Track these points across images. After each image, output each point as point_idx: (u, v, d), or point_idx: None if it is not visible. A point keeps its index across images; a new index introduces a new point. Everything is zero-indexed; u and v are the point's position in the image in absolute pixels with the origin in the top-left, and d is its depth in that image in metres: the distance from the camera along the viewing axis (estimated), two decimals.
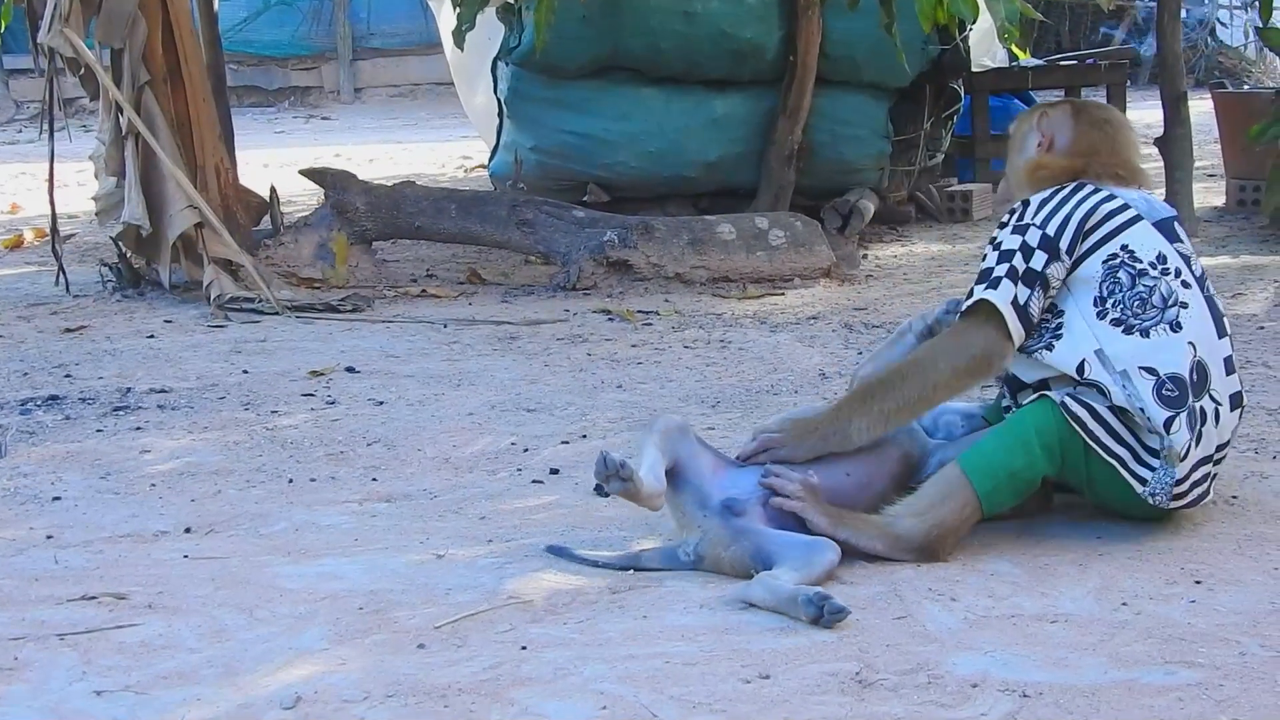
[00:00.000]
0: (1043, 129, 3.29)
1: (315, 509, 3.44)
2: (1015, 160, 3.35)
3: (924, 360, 3.08)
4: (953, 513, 2.97)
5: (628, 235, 6.09)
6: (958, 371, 3.04)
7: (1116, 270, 3.05)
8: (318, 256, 6.13)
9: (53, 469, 3.78)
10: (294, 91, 16.11)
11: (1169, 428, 2.97)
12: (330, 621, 2.77)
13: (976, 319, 3.06)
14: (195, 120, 6.06)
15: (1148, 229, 3.10)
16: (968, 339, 3.06)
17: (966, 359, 3.04)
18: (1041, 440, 2.99)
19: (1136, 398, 2.97)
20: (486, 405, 4.29)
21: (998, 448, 3.01)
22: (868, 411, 3.06)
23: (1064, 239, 3.06)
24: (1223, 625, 2.65)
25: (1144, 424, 2.98)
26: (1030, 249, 3.06)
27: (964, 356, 3.04)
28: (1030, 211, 3.12)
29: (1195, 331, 3.06)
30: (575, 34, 6.90)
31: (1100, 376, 2.99)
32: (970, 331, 3.06)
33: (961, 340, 3.07)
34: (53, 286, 6.15)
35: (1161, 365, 3.00)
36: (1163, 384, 2.99)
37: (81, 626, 2.76)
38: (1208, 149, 8.81)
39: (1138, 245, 3.07)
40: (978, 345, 3.04)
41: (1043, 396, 3.03)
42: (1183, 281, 3.08)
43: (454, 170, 10.51)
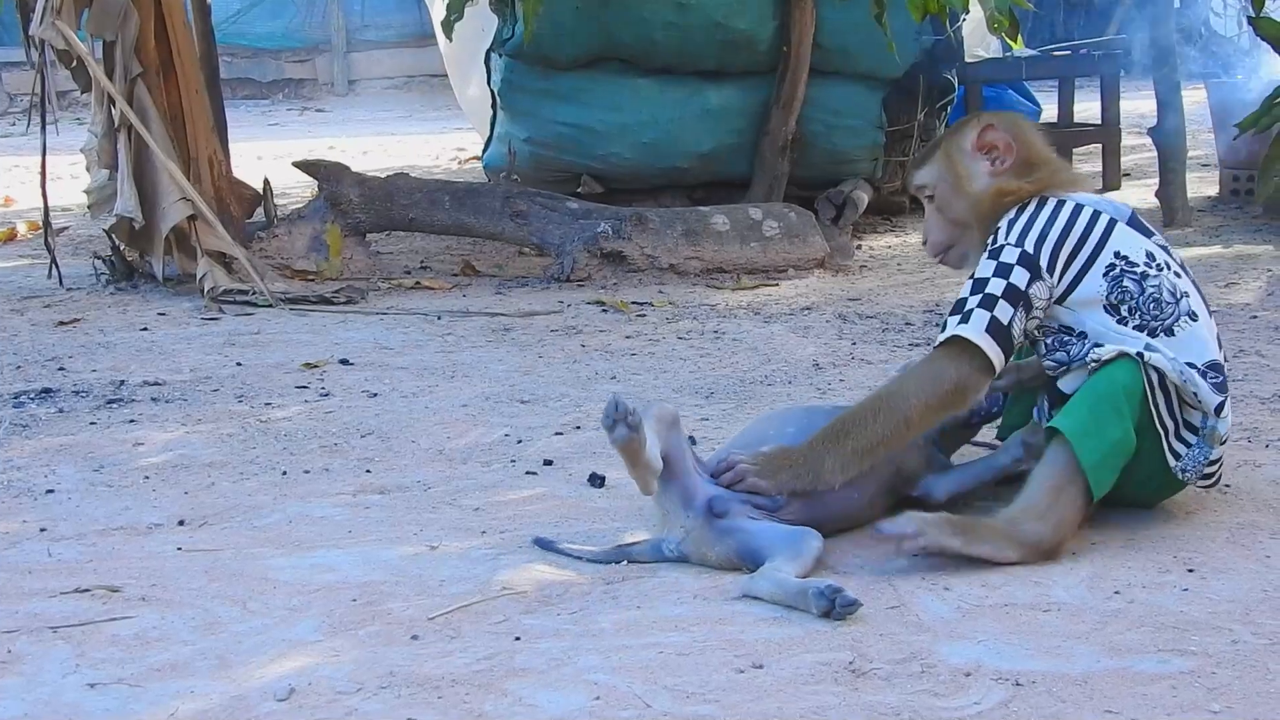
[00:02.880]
0: (990, 151, 3.10)
1: (309, 501, 3.44)
2: (965, 193, 3.11)
3: (895, 395, 2.97)
4: (1071, 506, 2.89)
5: (621, 226, 6.09)
6: (930, 406, 2.95)
7: (1120, 279, 3.00)
8: (311, 249, 6.13)
9: (46, 462, 3.78)
10: (288, 84, 16.09)
11: (1219, 411, 2.96)
12: (324, 613, 2.77)
13: (949, 351, 2.96)
14: (188, 112, 6.05)
15: (1126, 230, 3.05)
16: (940, 372, 2.95)
17: (939, 394, 2.94)
18: (1130, 403, 2.88)
19: (1192, 383, 2.94)
20: (480, 397, 4.29)
21: (1094, 416, 2.87)
22: (840, 450, 2.95)
23: (1043, 255, 2.97)
24: (1215, 613, 2.65)
25: (1195, 405, 2.94)
26: (1008, 267, 2.96)
27: (936, 391, 2.94)
28: (1002, 233, 3.02)
29: (1205, 317, 3.06)
30: (568, 25, 6.89)
31: (1157, 361, 2.92)
32: (943, 364, 2.96)
33: (934, 373, 2.96)
34: (46, 279, 6.14)
35: (1197, 356, 2.99)
36: (1205, 372, 2.98)
37: (75, 619, 2.76)
38: (1201, 138, 8.82)
39: (1128, 249, 3.03)
40: (950, 379, 2.94)
41: (1123, 354, 2.91)
42: (1175, 272, 3.08)
43: (448, 162, 10.51)
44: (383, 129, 12.92)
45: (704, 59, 7.02)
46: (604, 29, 6.95)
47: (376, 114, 14.38)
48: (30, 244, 7.26)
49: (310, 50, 16.09)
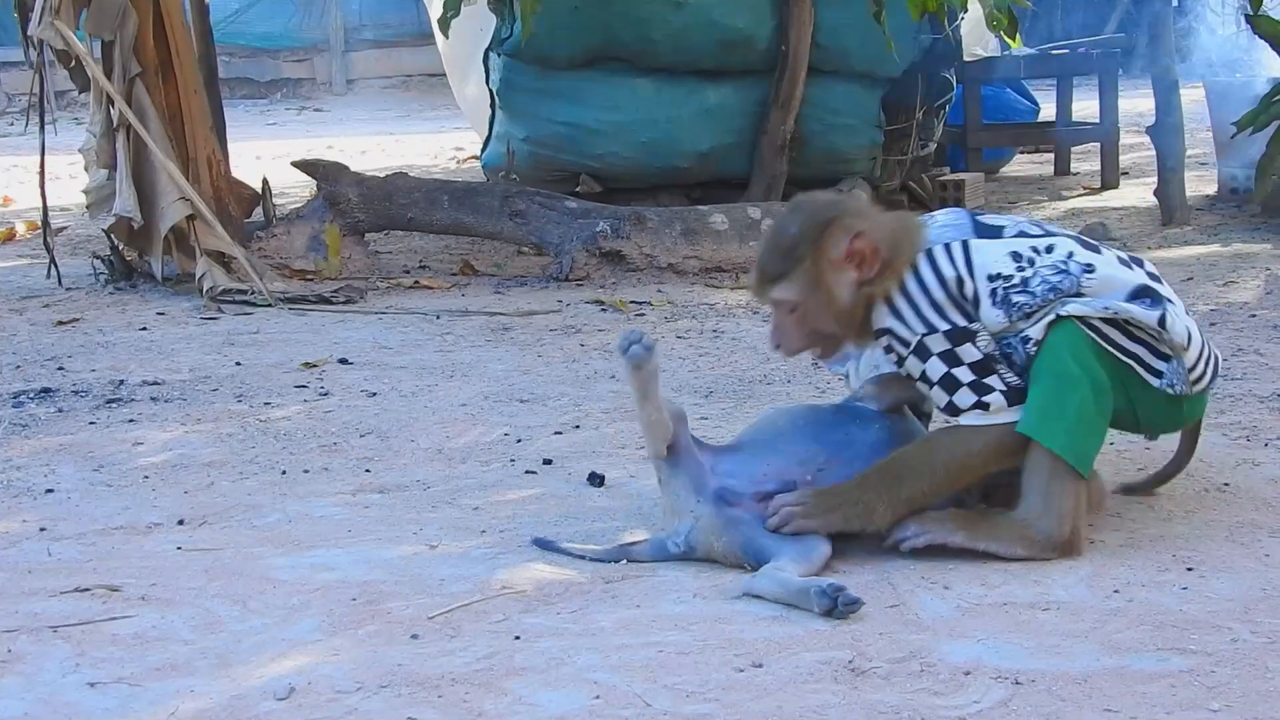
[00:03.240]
0: (857, 260, 2.92)
1: (308, 500, 3.44)
2: (836, 307, 2.95)
3: (952, 448, 2.95)
4: (1067, 494, 2.88)
5: (620, 226, 6.09)
6: (980, 463, 2.95)
7: (1009, 299, 2.91)
8: (310, 248, 6.13)
9: (45, 461, 3.78)
10: (286, 83, 16.09)
11: (1163, 323, 2.91)
12: (323, 612, 2.77)
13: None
14: (187, 112, 6.05)
15: (979, 244, 2.96)
16: (983, 436, 2.92)
17: (980, 451, 2.93)
18: (1080, 356, 2.86)
19: (1122, 311, 2.90)
20: (479, 396, 4.29)
21: (1046, 398, 2.86)
22: (894, 496, 2.92)
23: (954, 316, 2.91)
24: (1215, 612, 2.65)
25: (1140, 328, 2.91)
26: (950, 353, 2.91)
27: (977, 448, 2.93)
28: (905, 330, 2.92)
29: (1101, 256, 2.98)
30: (566, 24, 6.89)
31: (1076, 310, 2.88)
32: (982, 432, 2.92)
33: (977, 436, 2.93)
34: (45, 279, 6.14)
35: (1116, 294, 2.93)
36: (1132, 298, 2.93)
37: (74, 619, 2.76)
38: (1199, 137, 8.82)
39: (994, 265, 2.93)
40: (992, 439, 2.92)
41: (1055, 320, 2.88)
42: (1046, 246, 2.97)
43: (446, 161, 10.51)
44: (381, 128, 12.92)
45: (702, 58, 7.03)
46: (602, 28, 6.96)
47: (375, 113, 14.39)
48: (29, 244, 7.25)
49: (308, 50, 16.09)
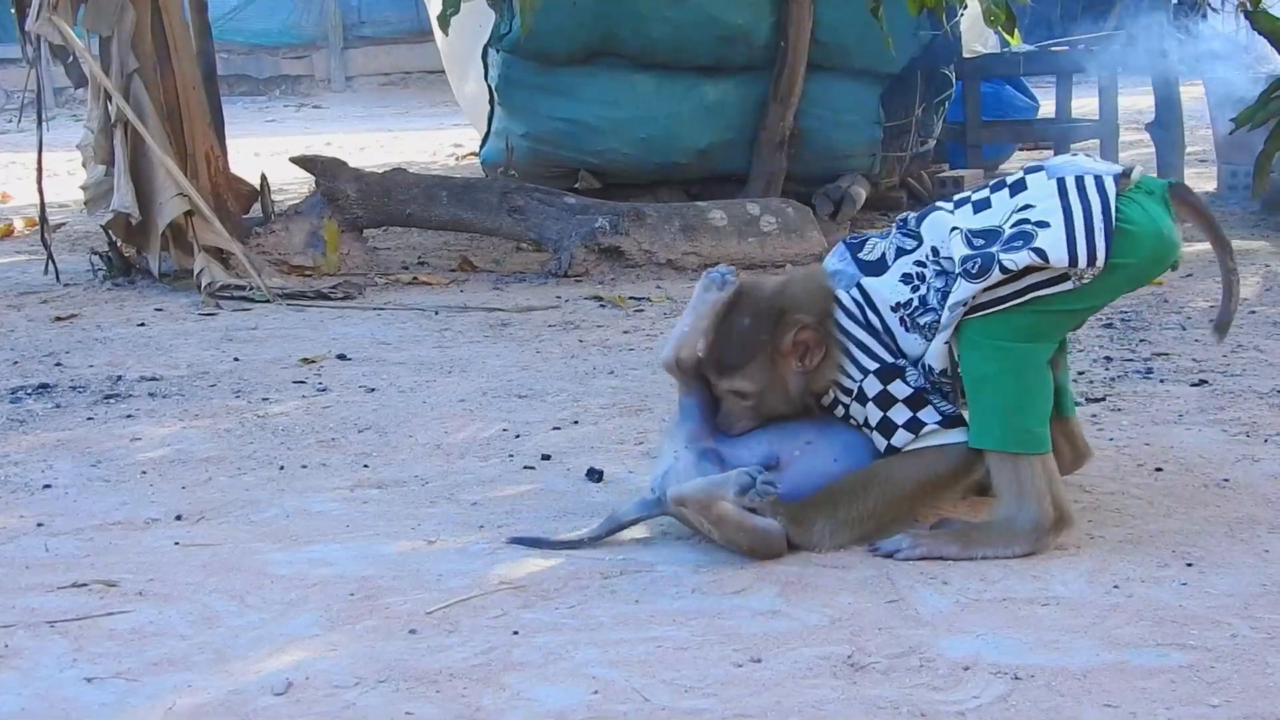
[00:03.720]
0: (802, 351, 3.03)
1: (306, 496, 3.43)
2: (787, 395, 3.06)
3: (893, 472, 2.99)
4: (1035, 478, 2.90)
5: (619, 222, 6.09)
6: (918, 485, 3.00)
7: (917, 320, 2.99)
8: (309, 244, 6.12)
9: (43, 457, 3.78)
10: (285, 80, 16.07)
11: (1041, 257, 2.86)
12: (321, 607, 2.77)
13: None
14: (185, 108, 6.05)
15: (870, 282, 3.04)
16: (921, 461, 2.98)
17: (933, 475, 3.00)
18: (985, 351, 2.90)
19: (994, 276, 2.89)
20: (478, 392, 4.29)
21: (975, 405, 2.92)
22: (833, 518, 2.96)
23: (881, 352, 3.01)
24: (1214, 607, 2.65)
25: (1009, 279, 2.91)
26: (886, 393, 2.99)
27: (931, 473, 2.99)
28: (848, 382, 3.02)
29: (955, 232, 3.01)
30: (565, 21, 6.88)
31: (967, 294, 2.91)
32: (920, 457, 2.99)
33: (915, 462, 2.99)
34: (43, 275, 6.13)
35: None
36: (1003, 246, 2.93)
37: (72, 614, 2.76)
38: (1199, 134, 8.81)
39: (890, 294, 3.02)
40: (928, 464, 2.99)
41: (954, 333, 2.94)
42: (915, 260, 3.03)
43: (445, 158, 10.50)
44: (380, 125, 12.91)
45: (701, 54, 7.02)
46: (601, 25, 6.95)
47: (373, 110, 14.38)
48: (27, 240, 7.25)
49: (307, 47, 16.08)
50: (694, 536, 3.03)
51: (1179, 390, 4.06)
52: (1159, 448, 3.56)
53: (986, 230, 2.97)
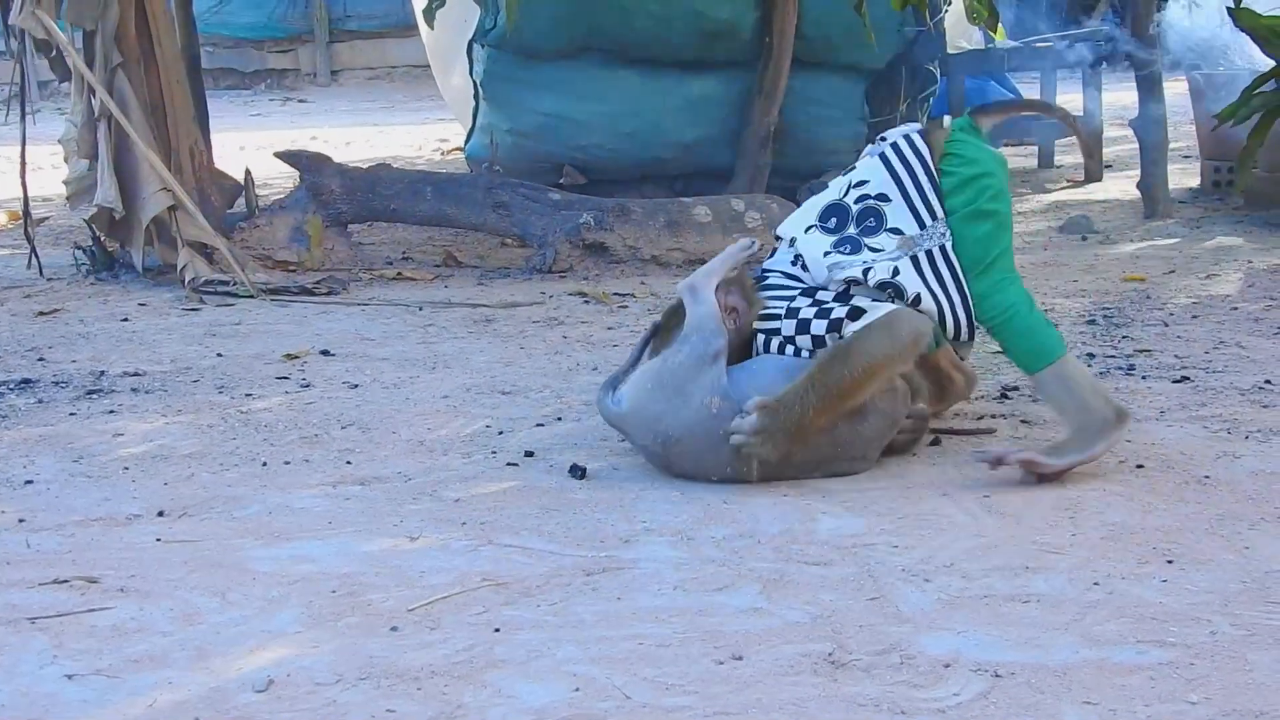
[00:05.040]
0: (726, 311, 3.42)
1: (289, 492, 3.43)
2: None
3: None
4: (1084, 377, 3.43)
5: (604, 217, 6.08)
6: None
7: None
8: (292, 239, 6.11)
9: (25, 452, 3.77)
10: (270, 74, 16.02)
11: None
12: (303, 604, 2.77)
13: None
14: (169, 102, 6.02)
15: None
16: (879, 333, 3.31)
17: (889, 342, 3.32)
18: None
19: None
20: (462, 388, 4.29)
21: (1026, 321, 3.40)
22: (810, 395, 3.23)
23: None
24: (1194, 605, 2.66)
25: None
26: (815, 304, 3.40)
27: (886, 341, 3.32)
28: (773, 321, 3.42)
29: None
30: (550, 15, 6.88)
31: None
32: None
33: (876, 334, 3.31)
34: (25, 270, 6.11)
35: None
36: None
37: (53, 610, 2.76)
38: (1183, 130, 8.83)
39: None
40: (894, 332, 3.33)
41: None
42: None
43: (430, 153, 10.48)
44: (365, 119, 12.88)
45: (686, 49, 7.02)
46: (586, 19, 6.94)
47: (359, 104, 14.34)
48: (10, 234, 7.22)
49: (293, 40, 16.03)
50: (678, 535, 3.04)
51: (1161, 387, 4.08)
52: (1140, 444, 3.57)
53: (834, 205, 3.51)
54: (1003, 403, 3.97)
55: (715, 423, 3.26)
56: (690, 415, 3.28)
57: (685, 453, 3.31)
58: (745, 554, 2.96)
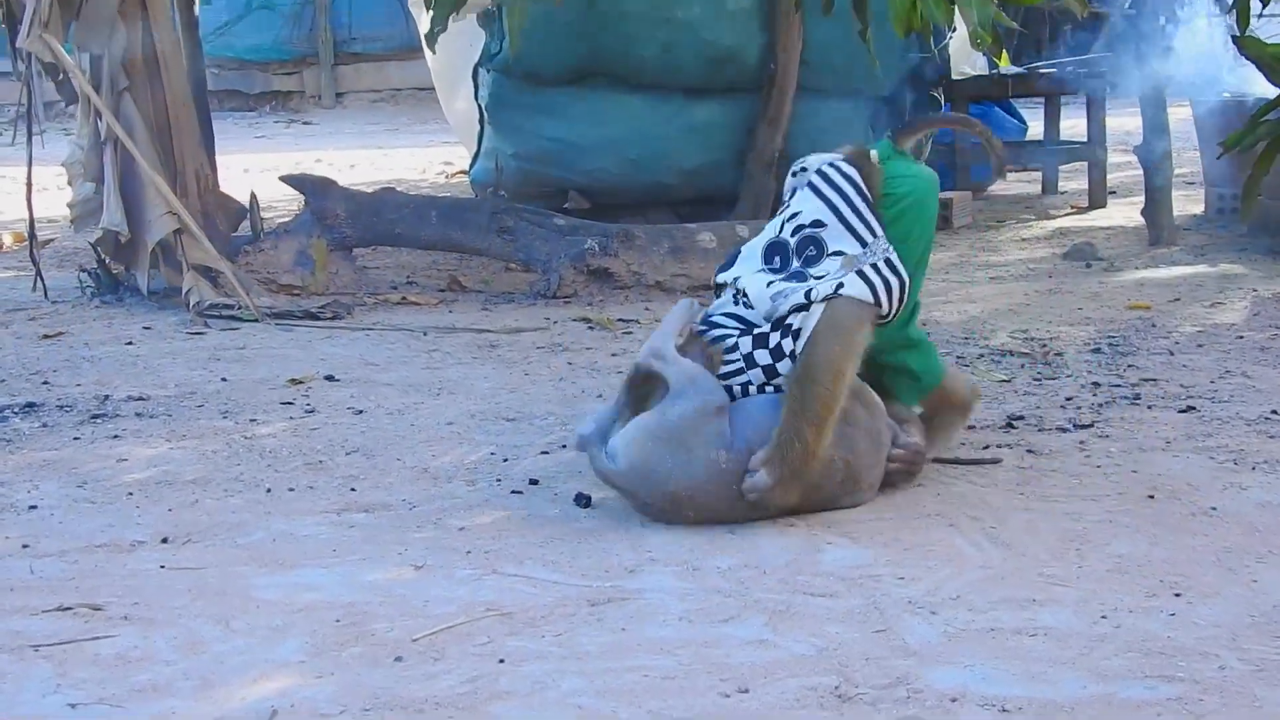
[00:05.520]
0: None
1: (293, 519, 3.42)
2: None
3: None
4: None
5: (608, 243, 6.08)
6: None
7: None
8: (297, 263, 6.11)
9: (29, 477, 3.76)
10: (275, 96, 16.05)
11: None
12: (307, 633, 2.76)
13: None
14: (175, 125, 6.03)
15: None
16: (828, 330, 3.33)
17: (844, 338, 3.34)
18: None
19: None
20: (466, 414, 4.28)
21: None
22: (810, 417, 3.25)
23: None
24: (1202, 639, 2.65)
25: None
26: (758, 337, 3.41)
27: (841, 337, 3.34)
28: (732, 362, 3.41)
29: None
30: (555, 40, 6.89)
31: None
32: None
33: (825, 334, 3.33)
34: (30, 292, 6.11)
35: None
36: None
37: (56, 638, 2.75)
38: (1186, 156, 8.83)
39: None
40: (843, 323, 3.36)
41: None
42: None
43: (435, 176, 10.49)
44: (370, 142, 12.90)
45: (690, 75, 7.03)
46: (591, 44, 6.96)
47: (364, 127, 14.36)
48: (15, 256, 7.23)
49: (298, 62, 16.06)
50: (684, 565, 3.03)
51: (1166, 417, 4.07)
52: (1146, 475, 3.56)
53: (773, 243, 3.50)
54: (1008, 432, 3.96)
55: (724, 475, 3.23)
56: (698, 470, 3.23)
57: (695, 506, 3.25)
58: (751, 585, 2.95)
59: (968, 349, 4.92)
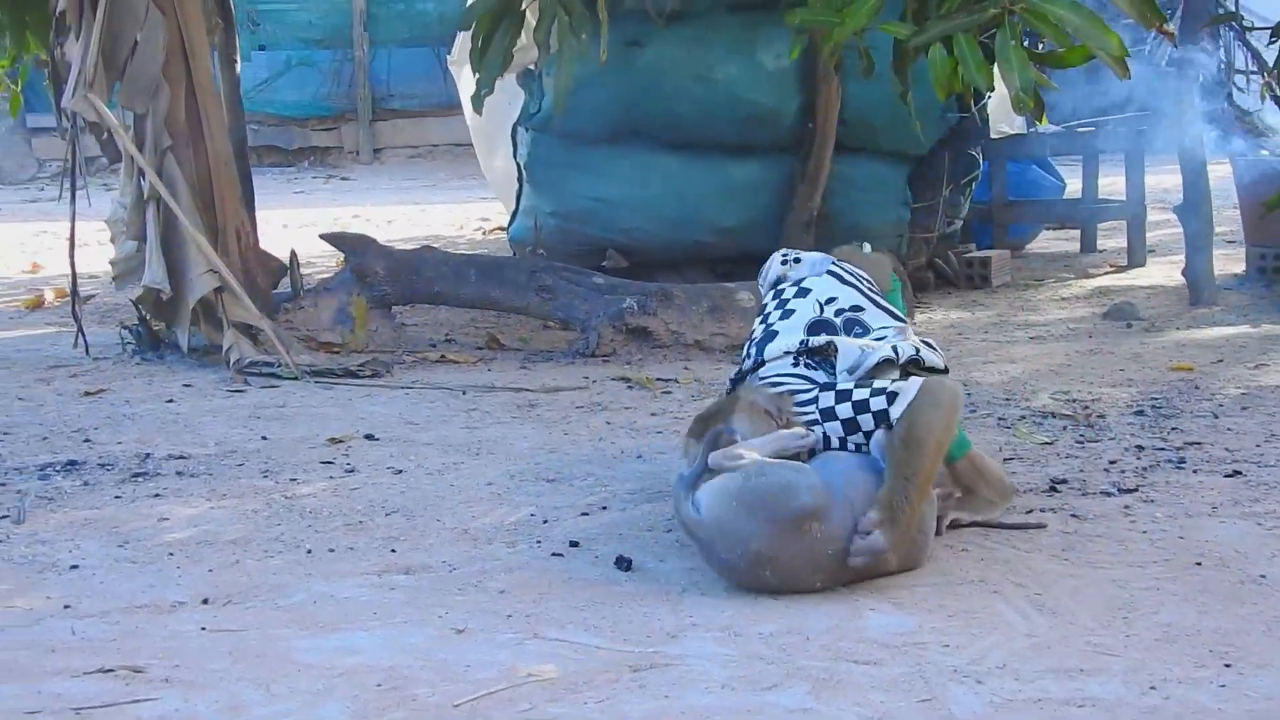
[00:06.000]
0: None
1: (333, 580, 3.42)
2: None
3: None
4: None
5: (647, 302, 6.09)
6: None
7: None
8: (337, 321, 6.14)
9: (71, 536, 3.77)
10: (313, 151, 16.19)
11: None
12: (348, 698, 2.75)
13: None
14: (216, 183, 6.08)
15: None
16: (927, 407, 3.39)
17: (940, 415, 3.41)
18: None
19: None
20: (506, 475, 4.27)
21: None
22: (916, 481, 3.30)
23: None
24: (1254, 711, 2.61)
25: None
26: (839, 393, 3.50)
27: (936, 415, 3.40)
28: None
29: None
30: (594, 99, 6.92)
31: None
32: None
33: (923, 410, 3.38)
34: (72, 348, 6.15)
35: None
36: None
37: (97, 700, 2.74)
38: (1226, 214, 8.80)
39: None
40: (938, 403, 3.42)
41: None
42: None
43: (472, 232, 10.54)
44: (407, 198, 12.98)
45: (729, 134, 7.05)
46: (630, 104, 6.99)
47: (401, 183, 14.45)
48: (57, 311, 7.28)
49: (336, 119, 16.20)
50: (726, 630, 3.01)
51: (1212, 481, 4.03)
52: (1193, 541, 3.52)
53: (817, 321, 3.72)
54: (1052, 496, 3.93)
55: (813, 543, 3.21)
56: (787, 537, 3.18)
57: (777, 567, 3.20)
58: (794, 651, 2.92)
59: (1009, 410, 4.89)
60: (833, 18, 4.72)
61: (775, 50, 6.89)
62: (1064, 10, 4.47)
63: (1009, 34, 4.52)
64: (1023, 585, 3.26)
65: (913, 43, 4.71)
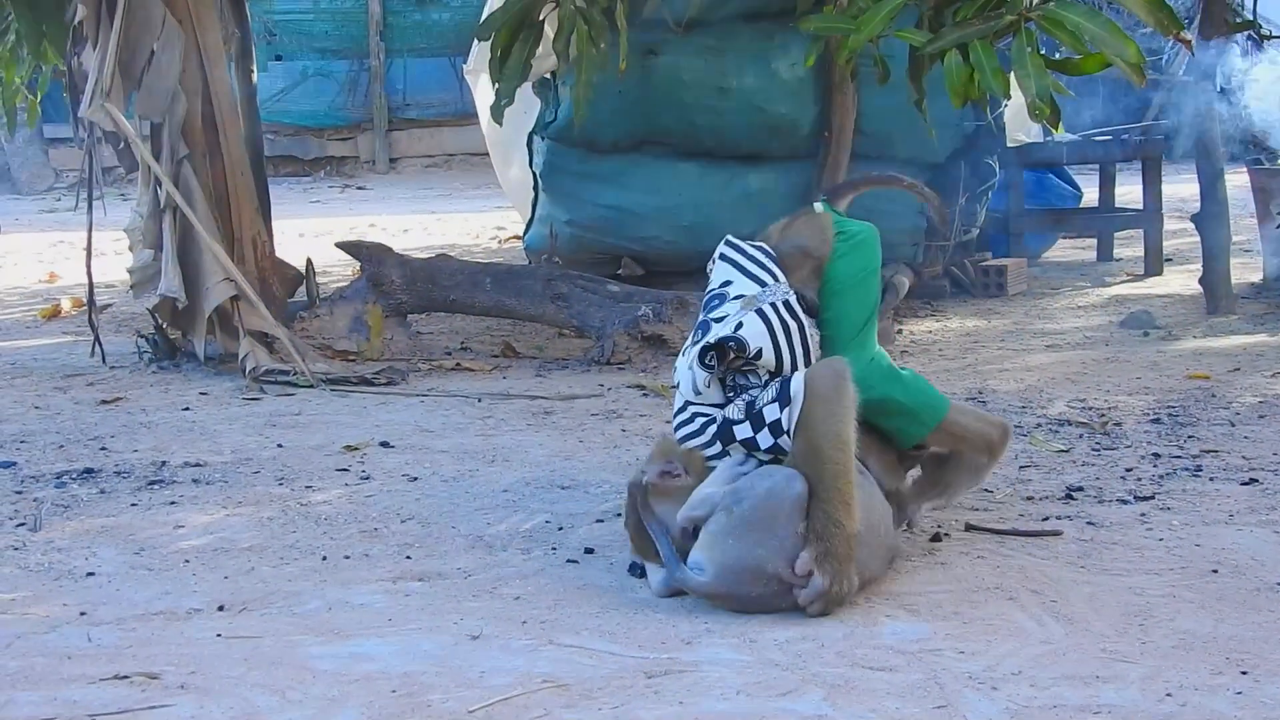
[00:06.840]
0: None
1: (349, 587, 3.42)
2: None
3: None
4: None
5: (662, 310, 6.09)
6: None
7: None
8: (353, 329, 6.15)
9: (87, 543, 3.78)
10: (330, 161, 16.22)
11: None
12: (363, 705, 2.75)
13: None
14: (233, 193, 6.10)
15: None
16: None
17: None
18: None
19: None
20: (521, 482, 4.28)
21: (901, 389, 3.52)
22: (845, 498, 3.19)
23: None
24: (1271, 718, 2.60)
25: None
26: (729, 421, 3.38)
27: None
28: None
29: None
30: (610, 109, 6.93)
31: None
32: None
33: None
34: (89, 357, 6.17)
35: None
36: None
37: (113, 707, 2.75)
38: (1244, 223, 8.78)
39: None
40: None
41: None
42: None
43: (488, 241, 10.55)
44: (423, 207, 12.99)
45: (744, 143, 7.05)
46: (646, 113, 6.99)
47: (417, 192, 14.48)
48: (73, 320, 7.30)
49: (352, 128, 16.24)
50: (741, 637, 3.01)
51: (1229, 489, 4.02)
52: (1210, 549, 3.51)
53: (696, 325, 3.66)
54: (1068, 503, 3.92)
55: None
56: (793, 547, 3.14)
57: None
58: (809, 658, 2.92)
59: (1025, 418, 4.88)
60: (848, 25, 4.71)
61: (791, 59, 6.89)
62: (1081, 18, 4.46)
63: (1025, 41, 4.50)
64: (1038, 592, 3.25)
65: (928, 50, 4.70)
